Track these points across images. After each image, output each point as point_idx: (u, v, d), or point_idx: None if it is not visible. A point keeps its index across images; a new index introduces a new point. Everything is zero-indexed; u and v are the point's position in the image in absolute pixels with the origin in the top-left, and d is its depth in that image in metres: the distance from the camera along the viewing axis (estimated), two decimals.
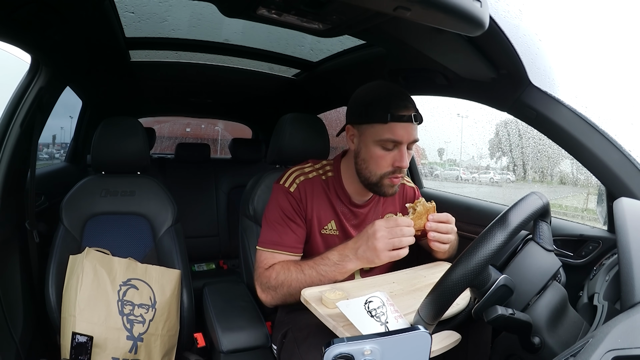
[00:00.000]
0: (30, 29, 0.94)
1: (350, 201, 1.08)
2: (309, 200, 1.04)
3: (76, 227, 1.23)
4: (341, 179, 1.08)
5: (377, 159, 0.97)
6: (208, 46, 1.46)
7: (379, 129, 0.94)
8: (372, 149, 0.97)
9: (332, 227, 1.07)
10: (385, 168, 0.97)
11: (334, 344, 0.51)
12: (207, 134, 5.60)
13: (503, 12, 0.81)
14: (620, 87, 1.37)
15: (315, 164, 1.11)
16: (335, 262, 0.92)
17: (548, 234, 0.74)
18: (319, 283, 0.92)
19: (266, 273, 0.99)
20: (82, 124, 2.08)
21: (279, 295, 0.96)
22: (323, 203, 1.06)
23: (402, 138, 0.94)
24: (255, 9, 0.72)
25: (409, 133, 0.95)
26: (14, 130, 1.10)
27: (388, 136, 0.94)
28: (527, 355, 0.69)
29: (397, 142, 0.95)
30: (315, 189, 1.05)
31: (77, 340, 1.04)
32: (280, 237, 1.01)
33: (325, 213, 1.06)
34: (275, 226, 1.02)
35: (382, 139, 0.95)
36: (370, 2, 0.63)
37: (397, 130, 0.93)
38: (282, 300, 0.96)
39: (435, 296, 0.64)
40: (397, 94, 0.97)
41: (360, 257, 0.90)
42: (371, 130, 0.96)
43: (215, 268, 2.26)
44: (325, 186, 1.07)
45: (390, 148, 0.96)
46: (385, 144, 0.95)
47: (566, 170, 2.13)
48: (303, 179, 1.06)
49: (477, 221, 1.32)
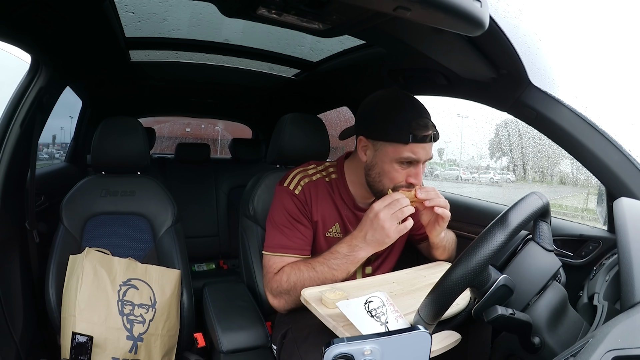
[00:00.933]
0: (30, 29, 0.94)
1: (354, 204, 1.08)
2: (314, 203, 1.04)
3: (76, 227, 1.23)
4: (345, 181, 1.07)
5: (392, 175, 0.96)
6: (208, 46, 1.46)
7: (398, 148, 0.93)
8: (387, 166, 0.96)
9: (336, 230, 1.07)
10: (398, 181, 0.97)
11: (334, 344, 0.51)
12: (207, 134, 5.60)
13: (503, 12, 0.81)
14: (620, 87, 1.37)
15: (318, 166, 1.11)
16: (345, 254, 0.92)
17: (548, 234, 0.74)
18: (332, 278, 0.93)
19: (276, 277, 0.98)
20: (82, 124, 2.08)
21: (292, 298, 0.95)
22: (327, 205, 1.05)
23: (420, 157, 0.94)
24: (255, 9, 0.72)
25: (428, 152, 0.96)
26: (14, 130, 1.10)
27: (408, 155, 0.93)
28: (527, 355, 0.69)
29: (416, 161, 0.95)
30: (320, 191, 1.05)
31: (77, 340, 1.04)
32: (288, 240, 1.00)
33: (329, 216, 1.06)
34: (282, 229, 1.02)
35: (401, 158, 0.94)
36: (370, 2, 0.63)
37: (418, 151, 0.93)
38: (296, 303, 0.94)
39: (435, 296, 0.64)
40: (418, 111, 0.95)
41: (370, 241, 0.90)
42: (390, 148, 0.94)
43: (215, 268, 2.27)
44: (329, 188, 1.07)
45: (406, 165, 0.95)
46: (403, 162, 0.95)
47: (566, 170, 2.13)
48: (307, 181, 1.05)
49: (477, 221, 1.32)
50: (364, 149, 1.01)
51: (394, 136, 0.93)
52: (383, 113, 0.96)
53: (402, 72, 1.31)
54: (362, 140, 1.00)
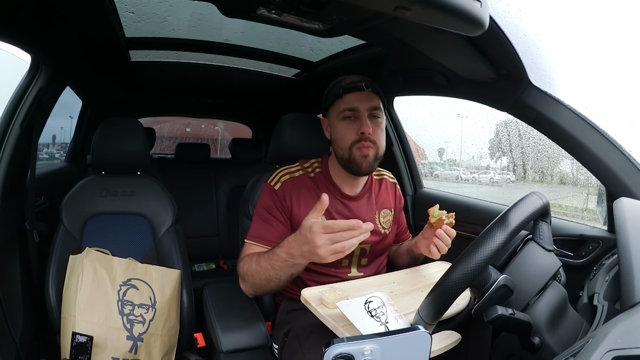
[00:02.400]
0: (30, 29, 0.94)
1: (341, 193, 1.09)
2: (294, 198, 1.06)
3: (76, 227, 1.23)
4: (329, 173, 1.11)
5: (342, 132, 1.03)
6: (208, 46, 1.46)
7: (337, 104, 1.05)
8: (337, 126, 1.05)
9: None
10: (351, 138, 1.02)
11: (334, 344, 0.51)
12: (207, 134, 5.61)
13: (503, 12, 0.81)
14: (620, 87, 1.37)
15: (303, 163, 1.14)
16: (284, 259, 0.90)
17: (548, 234, 0.74)
18: (275, 277, 0.92)
19: (240, 262, 1.03)
20: (82, 124, 2.08)
21: (249, 284, 0.98)
22: (311, 199, 1.06)
23: (357, 105, 1.02)
24: (255, 9, 0.72)
25: (364, 100, 1.02)
26: (14, 130, 1.10)
27: (344, 106, 1.03)
28: (527, 355, 0.69)
29: (354, 109, 1.02)
30: (302, 186, 1.08)
31: (77, 340, 1.04)
32: (260, 231, 1.04)
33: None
34: (258, 220, 1.06)
35: (340, 111, 1.03)
36: (370, 2, 0.63)
37: (351, 99, 1.02)
38: (254, 290, 1.00)
39: (435, 296, 0.64)
40: (350, 74, 1.07)
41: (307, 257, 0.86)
42: (333, 109, 1.06)
43: (215, 268, 2.26)
44: (312, 183, 1.09)
45: (352, 119, 1.03)
46: (345, 114, 1.03)
47: (566, 170, 2.13)
48: (288, 177, 1.08)
49: (477, 221, 1.32)
50: (326, 129, 1.12)
51: (330, 96, 1.07)
52: (327, 90, 1.10)
53: (402, 72, 1.31)
54: (323, 122, 1.13)
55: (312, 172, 1.11)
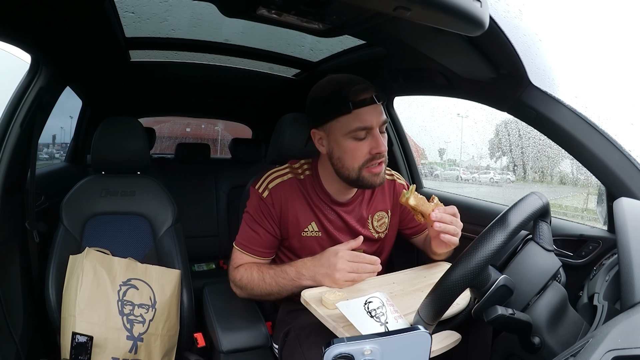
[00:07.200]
0: (30, 29, 0.94)
1: (332, 200, 1.05)
2: (283, 205, 1.02)
3: (76, 227, 1.23)
4: (319, 177, 1.05)
5: (352, 152, 0.93)
6: (208, 46, 1.46)
7: (344, 121, 0.91)
8: (344, 144, 0.93)
9: (313, 228, 1.04)
10: (362, 158, 0.93)
11: (334, 344, 0.51)
12: (207, 134, 5.61)
13: (503, 12, 0.81)
14: (620, 87, 1.37)
15: (293, 164, 1.09)
16: (292, 278, 0.95)
17: (548, 234, 0.74)
18: (278, 292, 0.98)
19: (234, 272, 1.05)
20: (82, 124, 2.08)
21: (247, 293, 1.03)
22: (301, 205, 1.03)
23: (371, 123, 0.91)
24: (255, 9, 0.72)
25: (376, 115, 0.92)
26: (14, 130, 1.10)
27: (356, 125, 0.90)
28: (527, 355, 0.69)
29: (368, 128, 0.91)
30: (292, 191, 1.03)
31: (77, 340, 1.04)
32: (248, 240, 1.04)
33: (304, 215, 1.03)
34: (246, 228, 1.05)
35: (351, 130, 0.91)
36: (370, 2, 0.63)
37: (364, 116, 0.90)
38: (249, 297, 1.04)
39: (435, 296, 0.64)
40: (351, 80, 0.93)
41: (317, 280, 0.92)
42: (337, 125, 0.93)
43: (215, 268, 2.26)
44: (301, 187, 1.04)
45: (363, 137, 0.92)
46: (357, 134, 0.91)
47: (566, 170, 2.13)
48: (278, 182, 1.03)
49: (477, 221, 1.32)
50: (319, 142, 0.99)
51: (336, 111, 0.91)
52: (321, 97, 0.95)
53: (402, 72, 1.31)
54: (315, 134, 1.00)
55: (302, 174, 1.06)
